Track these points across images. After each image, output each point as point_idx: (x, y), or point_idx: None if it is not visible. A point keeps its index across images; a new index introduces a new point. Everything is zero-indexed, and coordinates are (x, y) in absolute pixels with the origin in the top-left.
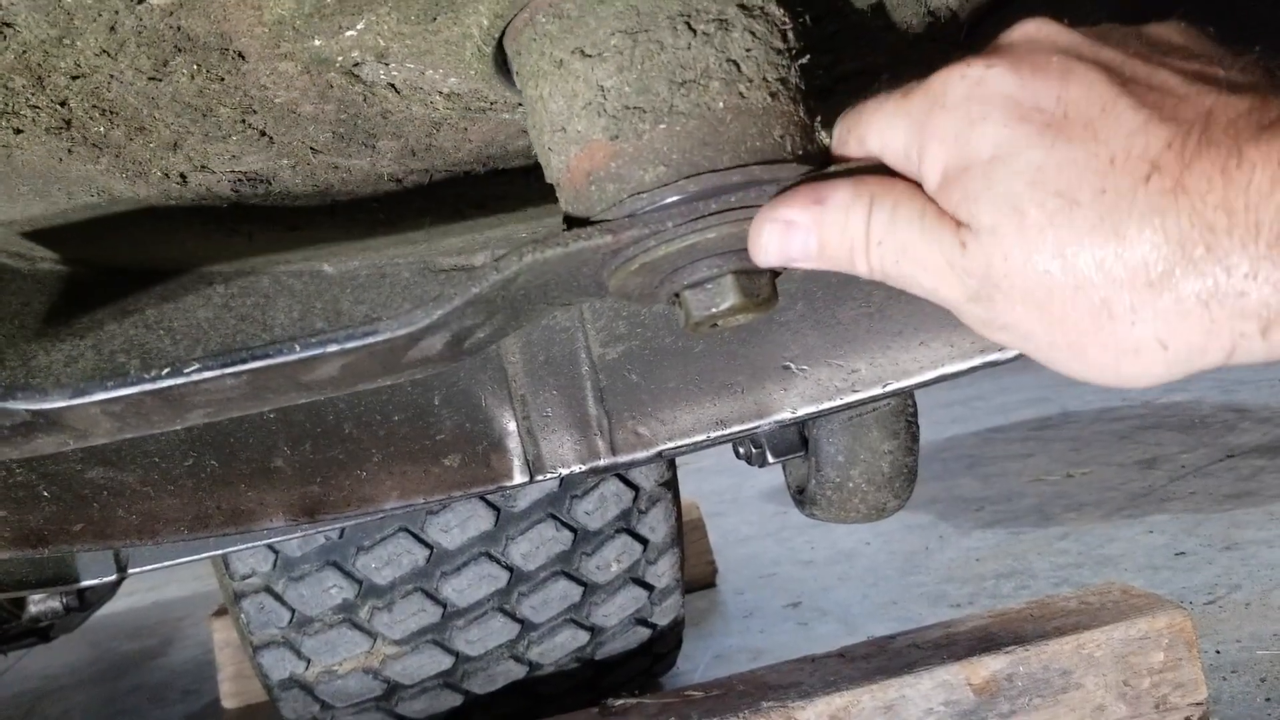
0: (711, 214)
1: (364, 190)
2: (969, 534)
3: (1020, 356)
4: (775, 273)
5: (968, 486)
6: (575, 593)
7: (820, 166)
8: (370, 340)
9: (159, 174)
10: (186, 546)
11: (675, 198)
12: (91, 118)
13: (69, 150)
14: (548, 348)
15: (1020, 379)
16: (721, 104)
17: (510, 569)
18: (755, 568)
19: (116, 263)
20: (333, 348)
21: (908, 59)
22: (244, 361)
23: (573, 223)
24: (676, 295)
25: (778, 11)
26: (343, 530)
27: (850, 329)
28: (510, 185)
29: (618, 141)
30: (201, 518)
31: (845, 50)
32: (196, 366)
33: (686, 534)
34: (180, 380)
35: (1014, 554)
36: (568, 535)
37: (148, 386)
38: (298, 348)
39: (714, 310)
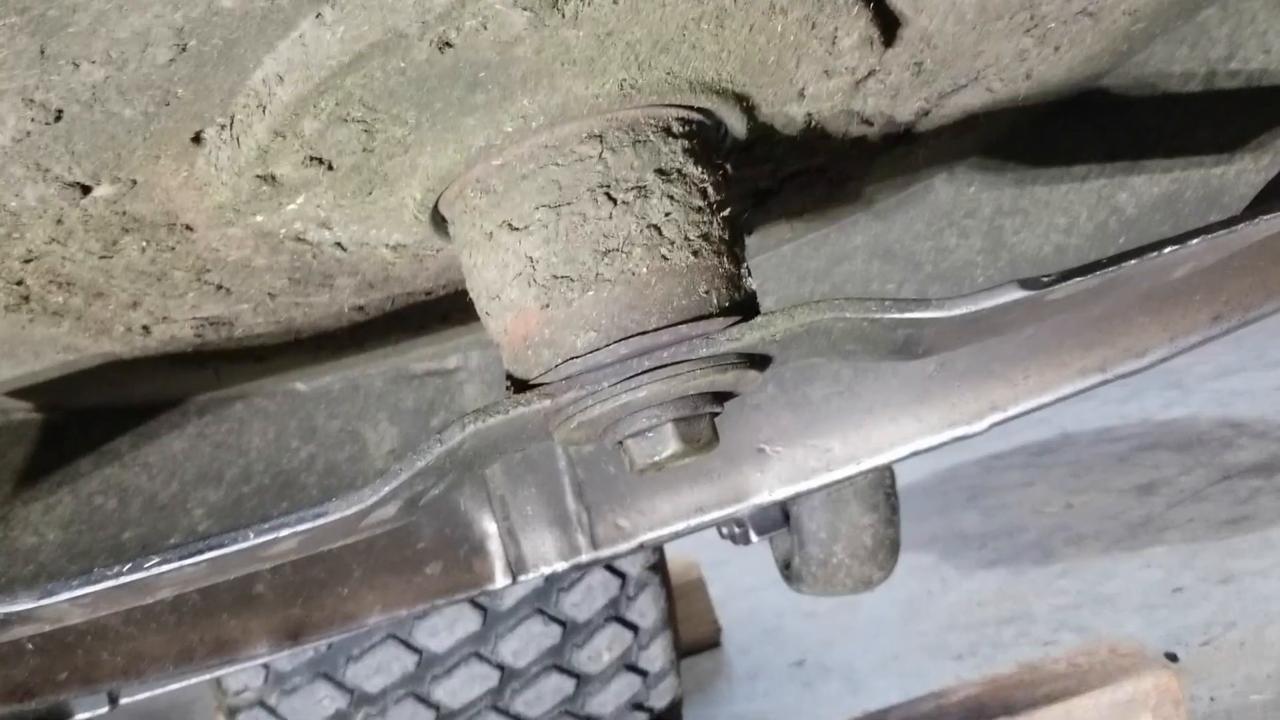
0: (643, 372)
1: (328, 321)
2: (971, 575)
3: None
4: (714, 414)
5: (969, 521)
6: (569, 685)
7: (748, 315)
8: (320, 522)
9: (121, 329)
10: (174, 677)
11: (607, 360)
12: (49, 291)
13: (30, 320)
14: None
15: None
16: (645, 269)
17: (501, 667)
18: (759, 621)
19: (89, 404)
20: (285, 532)
21: (848, 156)
22: (202, 553)
23: (515, 383)
24: (620, 443)
25: (695, 171)
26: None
27: (821, 408)
28: None
29: (549, 310)
30: (186, 651)
31: (786, 158)
32: (156, 560)
33: (686, 594)
34: (142, 575)
35: (1014, 596)
36: (556, 629)
37: (110, 583)
38: (252, 535)
39: (656, 459)
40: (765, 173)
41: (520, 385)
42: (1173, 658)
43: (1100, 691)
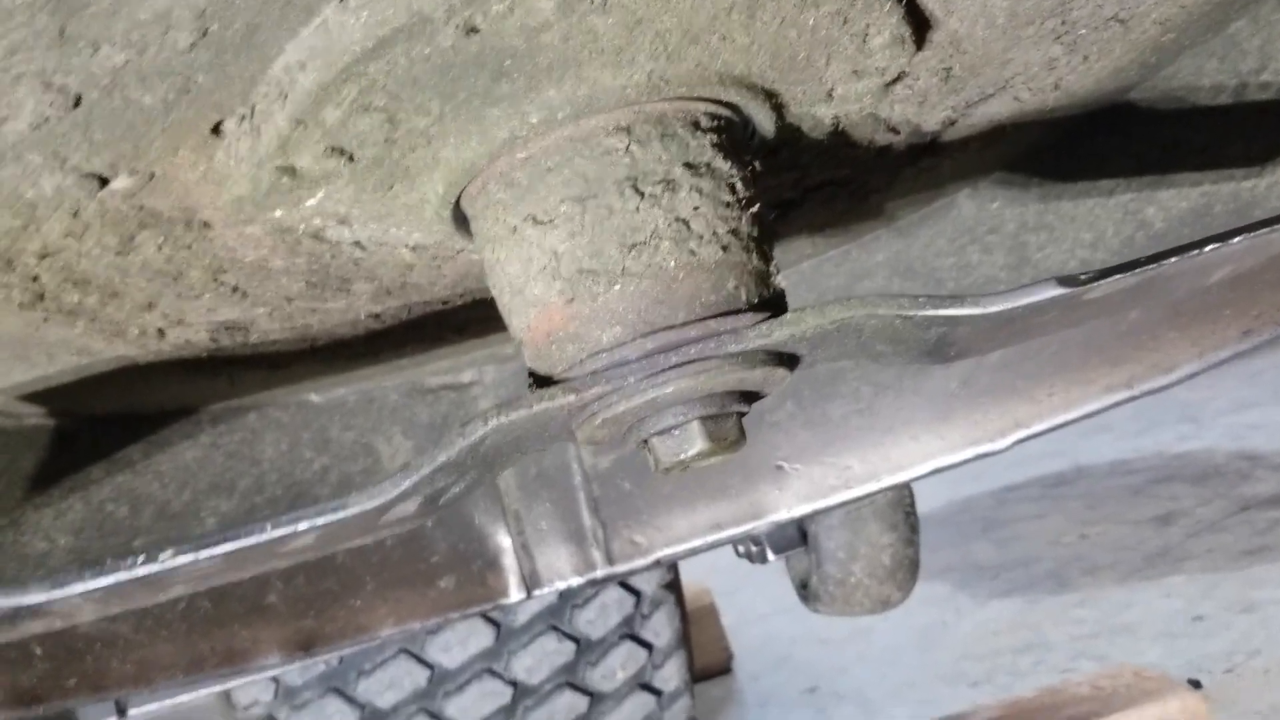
0: (670, 368)
1: (343, 329)
2: (986, 604)
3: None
4: (741, 413)
5: (984, 552)
6: (581, 704)
7: (777, 312)
8: (340, 515)
9: (136, 331)
10: (183, 687)
11: (633, 356)
12: (64, 290)
13: (44, 319)
14: (539, 460)
15: None
16: (673, 263)
17: (514, 684)
18: (772, 649)
19: (102, 411)
20: (303, 525)
21: (872, 167)
22: (218, 544)
23: (538, 380)
24: (645, 442)
25: (724, 166)
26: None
27: (841, 426)
28: (490, 309)
29: (574, 304)
30: (196, 661)
31: (811, 167)
32: (172, 552)
33: (698, 619)
34: (157, 567)
35: (1031, 625)
36: (570, 646)
37: (124, 575)
38: (269, 527)
39: (682, 457)
40: (790, 182)
41: (544, 382)
42: (1196, 684)
43: (1124, 714)
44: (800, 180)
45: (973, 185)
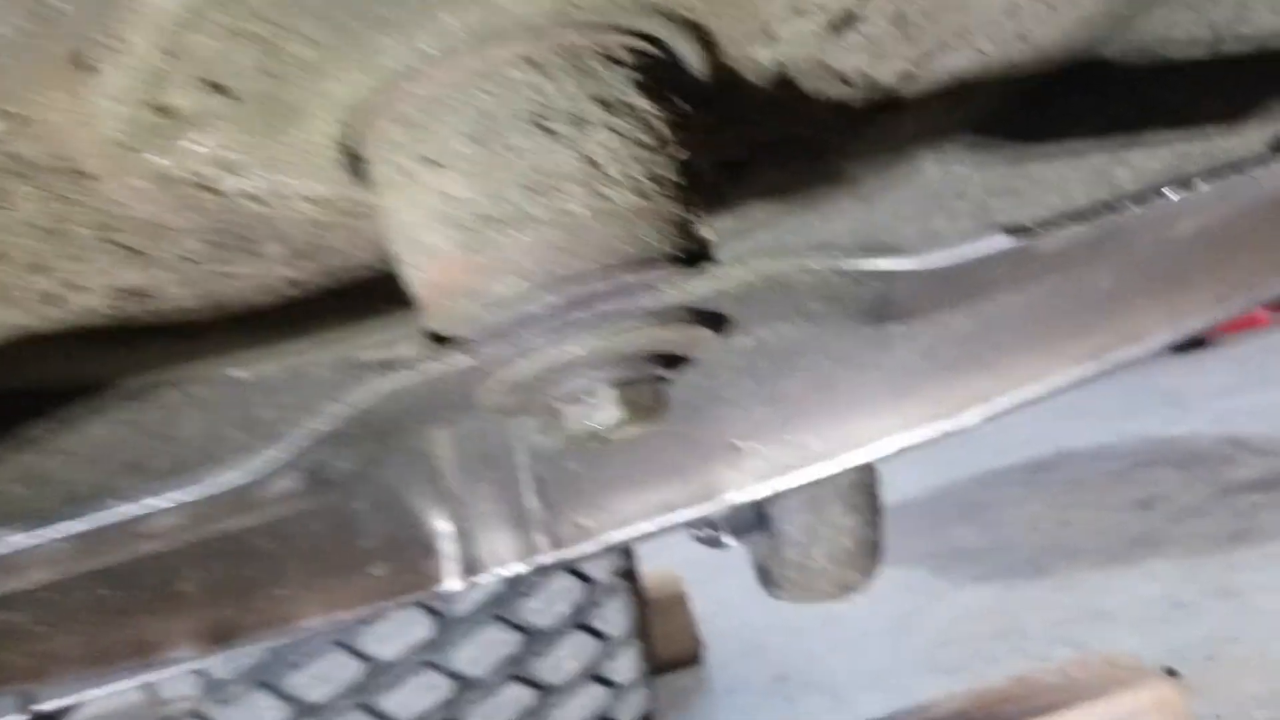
0: (577, 324)
1: (260, 296)
2: (963, 589)
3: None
4: (660, 378)
5: (962, 537)
6: (529, 697)
7: (696, 263)
8: (197, 492)
9: (29, 297)
10: (88, 681)
11: (536, 311)
12: None
13: None
14: (482, 440)
15: (1016, 415)
16: (582, 208)
17: (456, 677)
18: (742, 637)
19: (6, 386)
20: (157, 502)
21: (827, 124)
22: (62, 523)
23: (437, 340)
24: (552, 409)
25: (644, 104)
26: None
27: (799, 403)
28: None
29: (472, 254)
30: (101, 653)
31: (758, 120)
32: (9, 532)
33: (668, 608)
34: None
35: (1008, 611)
36: (516, 636)
37: None
38: (119, 506)
39: (589, 424)
40: (734, 137)
41: (440, 342)
42: (1172, 673)
43: (1095, 704)
44: (746, 135)
45: (938, 147)
